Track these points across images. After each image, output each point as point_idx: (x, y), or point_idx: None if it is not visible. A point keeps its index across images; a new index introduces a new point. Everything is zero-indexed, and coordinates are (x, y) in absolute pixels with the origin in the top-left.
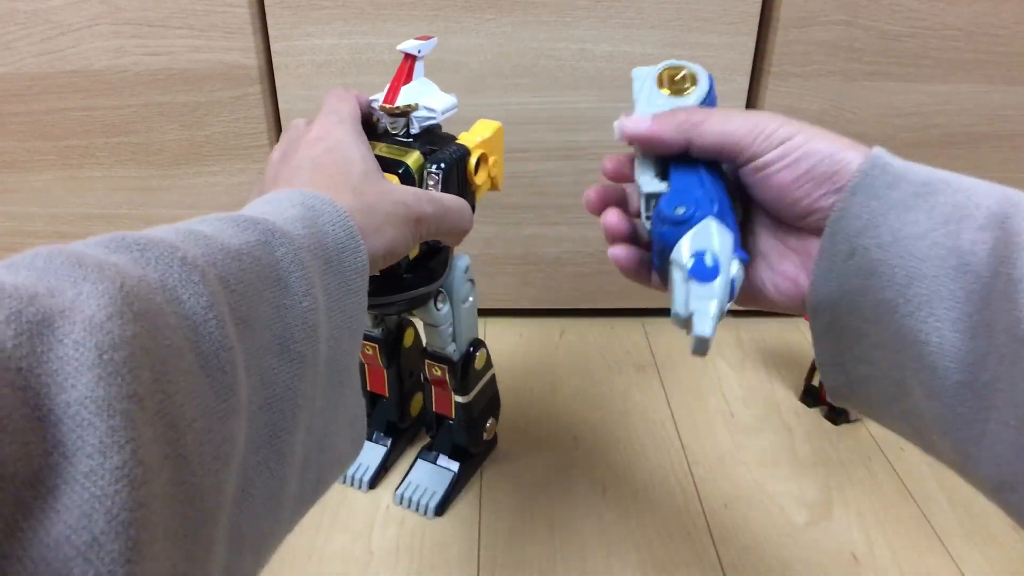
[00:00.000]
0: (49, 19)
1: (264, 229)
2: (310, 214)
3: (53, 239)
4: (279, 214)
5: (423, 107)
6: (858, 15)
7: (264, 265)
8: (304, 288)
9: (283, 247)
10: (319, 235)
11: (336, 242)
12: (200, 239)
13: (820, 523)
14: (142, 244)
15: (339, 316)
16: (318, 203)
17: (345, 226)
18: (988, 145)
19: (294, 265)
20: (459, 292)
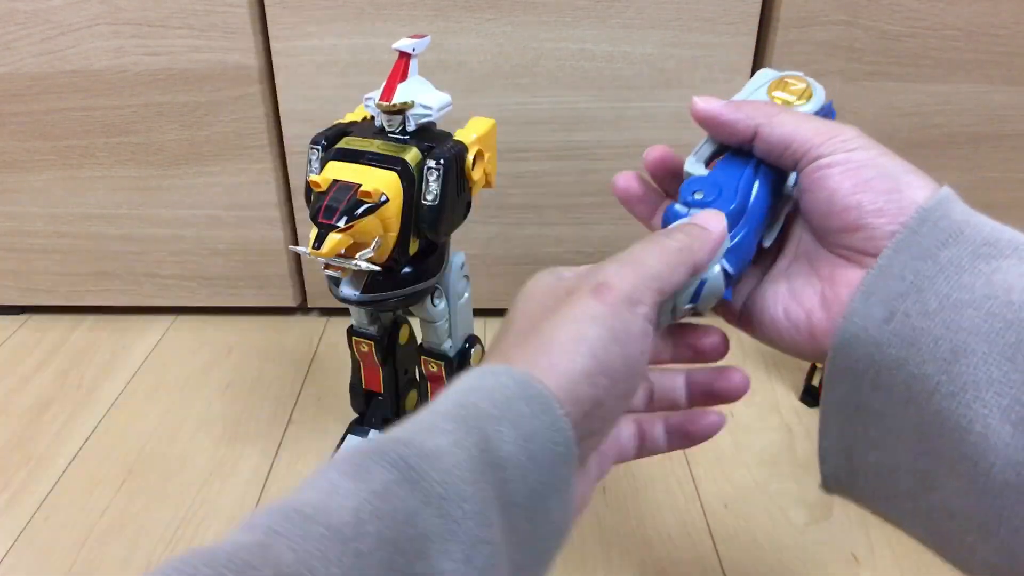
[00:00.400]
0: (49, 19)
1: (431, 494)
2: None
3: (53, 239)
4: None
5: (419, 104)
6: (858, 15)
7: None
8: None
9: (457, 526)
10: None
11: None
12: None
13: (820, 523)
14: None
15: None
16: (541, 414)
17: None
18: (988, 145)
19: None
20: (455, 288)
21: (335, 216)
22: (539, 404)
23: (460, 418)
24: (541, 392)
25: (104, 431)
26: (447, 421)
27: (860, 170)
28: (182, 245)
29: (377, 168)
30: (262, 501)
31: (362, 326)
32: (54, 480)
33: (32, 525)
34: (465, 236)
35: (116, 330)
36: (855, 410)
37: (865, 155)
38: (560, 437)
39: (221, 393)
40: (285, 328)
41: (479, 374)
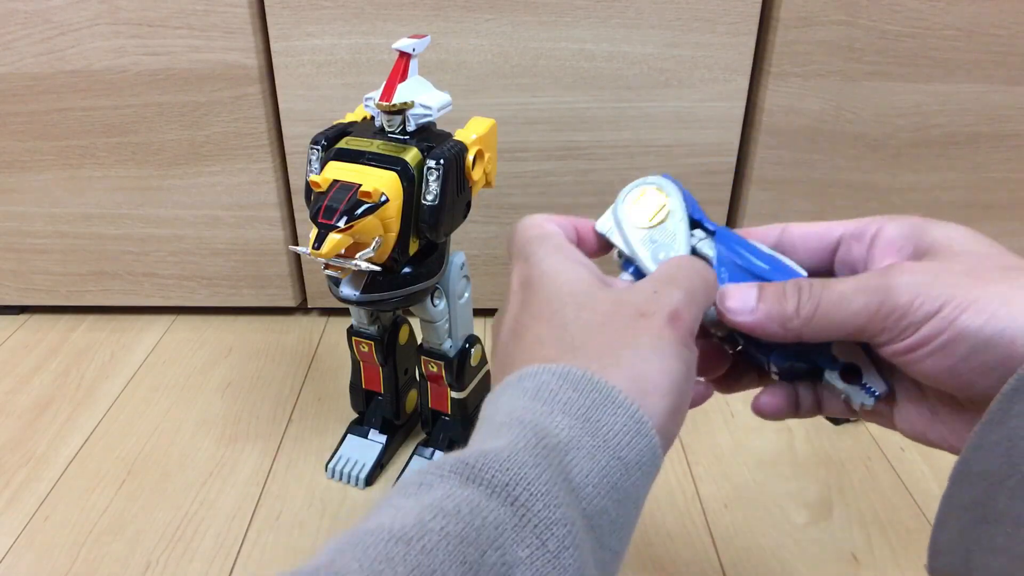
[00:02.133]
0: (49, 19)
1: (494, 483)
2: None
3: (53, 239)
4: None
5: (419, 104)
6: (858, 15)
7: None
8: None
9: (526, 509)
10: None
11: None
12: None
13: (820, 523)
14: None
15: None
16: (588, 392)
17: (649, 452)
18: (988, 145)
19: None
20: (455, 288)
21: (335, 216)
22: (585, 384)
23: (511, 421)
24: (583, 375)
25: (104, 431)
26: (499, 428)
27: (949, 348)
28: (182, 245)
29: (377, 168)
30: (261, 501)
31: (362, 326)
32: (54, 480)
33: (32, 525)
34: (465, 236)
35: (116, 330)
36: (984, 514)
37: (944, 322)
38: (617, 407)
39: (221, 393)
40: (285, 328)
41: (516, 382)
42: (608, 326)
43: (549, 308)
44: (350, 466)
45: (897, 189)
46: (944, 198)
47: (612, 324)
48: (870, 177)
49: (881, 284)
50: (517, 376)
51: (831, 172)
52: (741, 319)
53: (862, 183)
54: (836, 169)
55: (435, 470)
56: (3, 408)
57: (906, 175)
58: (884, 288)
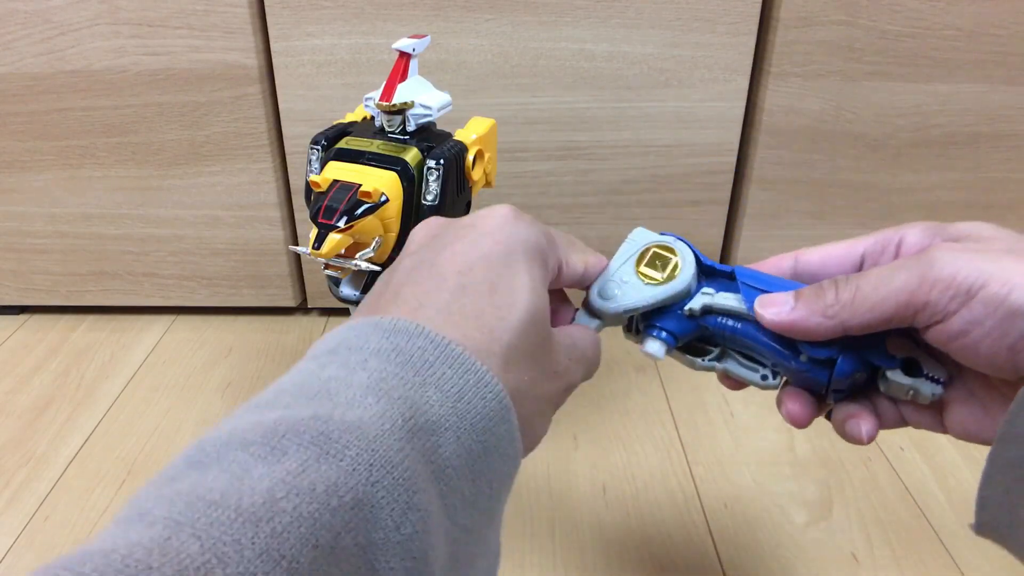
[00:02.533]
0: (49, 19)
1: (357, 462)
2: (450, 392)
3: (53, 239)
4: (399, 386)
5: (419, 104)
6: (858, 15)
7: (350, 555)
8: (418, 545)
9: (386, 492)
10: (462, 438)
11: (480, 450)
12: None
13: (820, 523)
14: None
15: (470, 544)
16: (464, 373)
17: (503, 427)
18: (988, 145)
19: (400, 519)
20: None
21: (335, 216)
22: (461, 365)
23: (383, 391)
24: (461, 355)
25: (104, 431)
26: (368, 394)
27: (1005, 326)
28: (182, 245)
29: (377, 168)
30: None
31: None
32: (54, 480)
33: (32, 525)
34: None
35: (116, 330)
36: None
37: (994, 299)
38: (490, 395)
39: (221, 393)
40: (285, 328)
41: (385, 334)
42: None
43: (422, 260)
44: None
45: (897, 189)
46: (944, 198)
47: (474, 283)
48: (870, 177)
49: (920, 260)
50: (392, 325)
51: (831, 172)
52: (780, 318)
53: (862, 183)
54: (836, 169)
55: (291, 435)
56: (3, 408)
57: (906, 175)
58: (924, 262)
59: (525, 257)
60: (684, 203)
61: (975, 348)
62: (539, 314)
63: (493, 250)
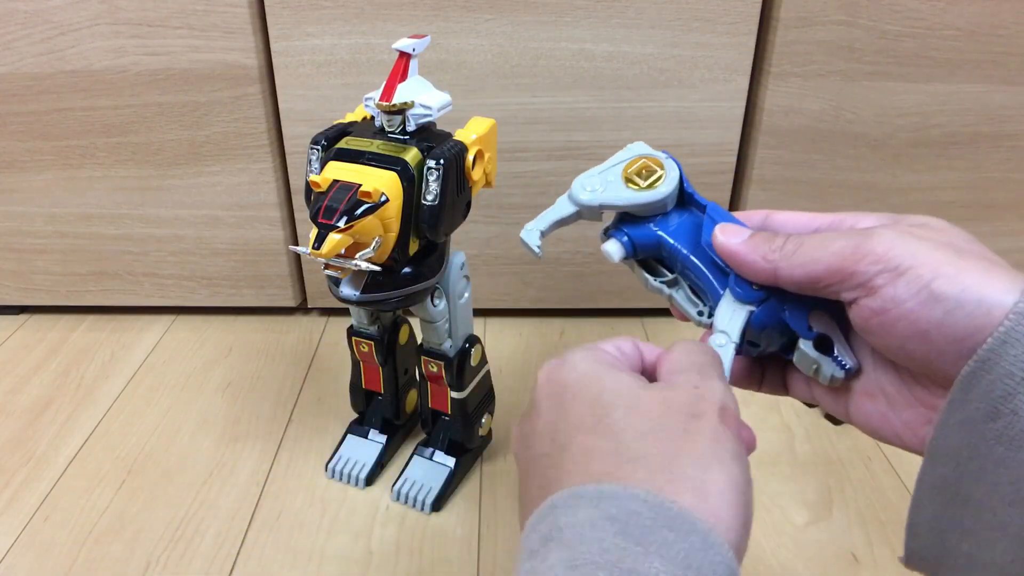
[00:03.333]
0: (49, 19)
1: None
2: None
3: (53, 239)
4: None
5: (419, 104)
6: (858, 15)
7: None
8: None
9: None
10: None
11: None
12: None
13: (820, 523)
14: None
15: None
16: (688, 535)
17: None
18: (988, 145)
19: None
20: (455, 288)
21: (335, 216)
22: (682, 524)
23: (608, 564)
24: (680, 513)
25: (104, 431)
26: (597, 571)
27: (920, 311)
28: (182, 245)
29: (377, 168)
30: (262, 501)
31: (362, 326)
32: (54, 480)
33: (32, 525)
34: (465, 236)
35: (116, 330)
36: (954, 497)
37: (917, 283)
38: (717, 556)
39: (221, 393)
40: (285, 328)
41: (597, 498)
42: (663, 431)
43: (593, 415)
44: (350, 466)
45: (897, 189)
46: (944, 198)
47: (666, 429)
48: (870, 177)
49: (861, 232)
50: (596, 493)
51: (831, 172)
52: (729, 245)
53: (862, 183)
54: (836, 169)
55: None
56: (3, 408)
57: (906, 175)
58: (863, 235)
59: None
60: None
61: (892, 327)
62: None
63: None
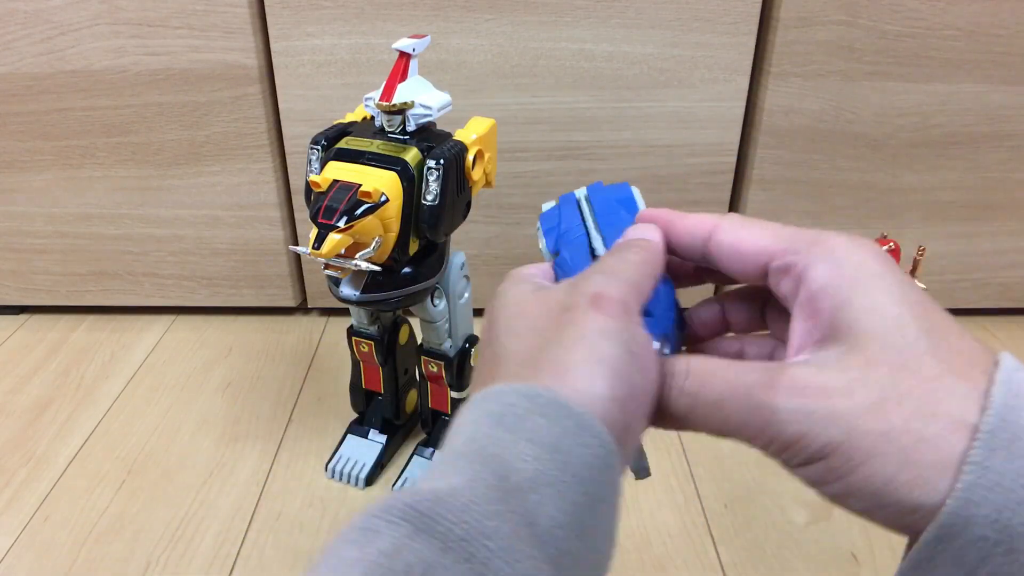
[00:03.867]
0: (49, 19)
1: (449, 536)
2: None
3: (53, 239)
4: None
5: (419, 104)
6: (858, 15)
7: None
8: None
9: (483, 565)
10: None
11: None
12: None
13: (820, 523)
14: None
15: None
16: (561, 419)
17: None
18: (988, 145)
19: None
20: (455, 288)
21: (335, 216)
22: (555, 410)
23: (471, 452)
24: (554, 398)
25: (104, 431)
26: (457, 459)
27: (847, 499)
28: (182, 245)
29: (377, 168)
30: (262, 501)
31: (362, 326)
32: (54, 480)
33: (32, 525)
34: (465, 236)
35: (116, 330)
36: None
37: (829, 474)
38: (590, 437)
39: (221, 393)
40: (285, 328)
41: (480, 400)
42: (536, 328)
43: (491, 331)
44: (350, 466)
45: (897, 189)
46: (944, 198)
47: (539, 326)
48: (870, 177)
49: (763, 403)
50: (481, 396)
51: (831, 172)
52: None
53: (862, 183)
54: (836, 169)
55: (383, 513)
56: (3, 408)
57: (906, 175)
58: (767, 411)
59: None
60: (684, 203)
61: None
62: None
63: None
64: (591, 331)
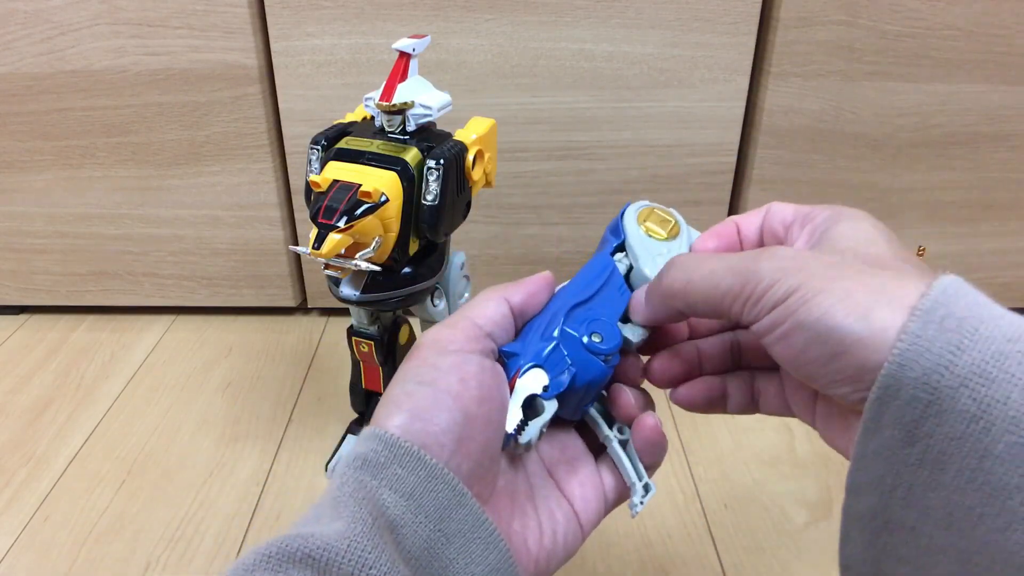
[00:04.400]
0: (49, 19)
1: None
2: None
3: (53, 239)
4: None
5: (419, 104)
6: (858, 15)
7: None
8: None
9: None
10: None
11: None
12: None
13: (820, 523)
14: None
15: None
16: (415, 469)
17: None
18: (988, 145)
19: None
20: (455, 288)
21: (335, 216)
22: (410, 460)
23: (347, 497)
24: (410, 449)
25: (104, 431)
26: (335, 506)
27: (790, 337)
28: (182, 245)
29: (377, 168)
30: (261, 501)
31: (362, 326)
32: (54, 480)
33: (32, 525)
34: (465, 236)
35: (116, 330)
36: (884, 526)
37: (788, 310)
38: (441, 484)
39: (221, 393)
40: (285, 328)
41: (359, 438)
42: (398, 375)
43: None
44: None
45: (897, 189)
46: (944, 198)
47: (399, 374)
48: (870, 177)
49: (749, 267)
50: (362, 434)
51: (831, 172)
52: (643, 317)
53: (862, 183)
54: (836, 169)
55: (284, 559)
56: (3, 408)
57: (906, 175)
58: (751, 271)
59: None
60: (684, 203)
61: (772, 349)
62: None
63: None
64: (412, 373)
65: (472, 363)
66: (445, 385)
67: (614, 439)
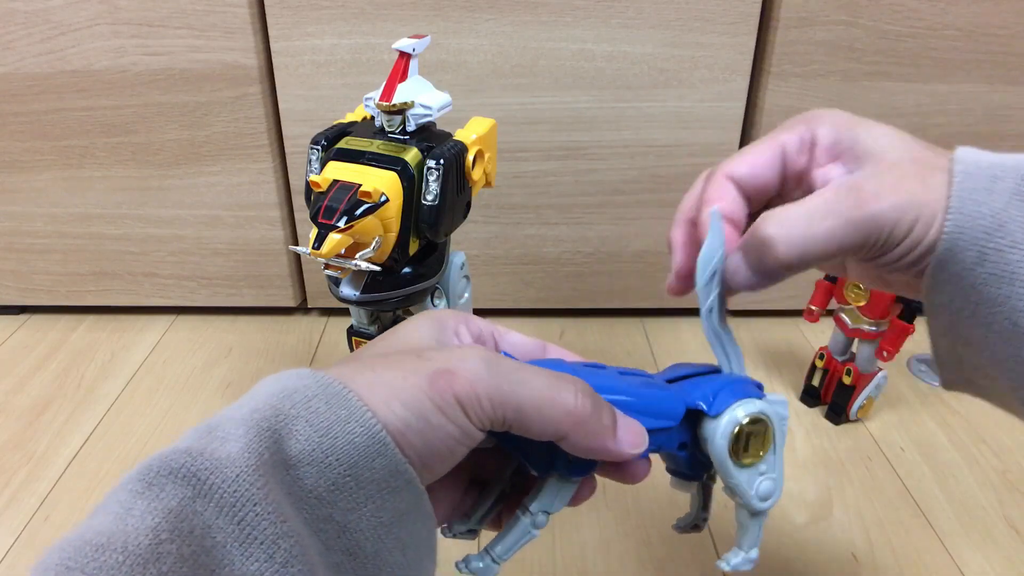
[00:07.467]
0: (49, 19)
1: (223, 502)
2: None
3: (53, 239)
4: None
5: (419, 104)
6: (858, 15)
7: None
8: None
9: (253, 528)
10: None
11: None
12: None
13: (820, 523)
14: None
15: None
16: (337, 408)
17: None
18: (988, 145)
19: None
20: (455, 288)
21: (335, 216)
22: (337, 400)
23: (253, 422)
24: (342, 391)
25: (104, 431)
26: (239, 426)
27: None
28: (182, 245)
29: (377, 168)
30: None
31: (362, 326)
32: (54, 480)
33: (32, 525)
34: (465, 236)
35: (116, 330)
36: (956, 338)
37: (911, 242)
38: (360, 430)
39: (221, 393)
40: (285, 328)
41: (285, 376)
42: (388, 356)
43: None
44: None
45: None
46: None
47: (392, 356)
48: None
49: (867, 216)
50: (289, 372)
51: None
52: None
53: None
54: None
55: (167, 472)
56: (3, 408)
57: None
58: (871, 219)
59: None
60: None
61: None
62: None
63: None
64: (413, 385)
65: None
66: (405, 344)
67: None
